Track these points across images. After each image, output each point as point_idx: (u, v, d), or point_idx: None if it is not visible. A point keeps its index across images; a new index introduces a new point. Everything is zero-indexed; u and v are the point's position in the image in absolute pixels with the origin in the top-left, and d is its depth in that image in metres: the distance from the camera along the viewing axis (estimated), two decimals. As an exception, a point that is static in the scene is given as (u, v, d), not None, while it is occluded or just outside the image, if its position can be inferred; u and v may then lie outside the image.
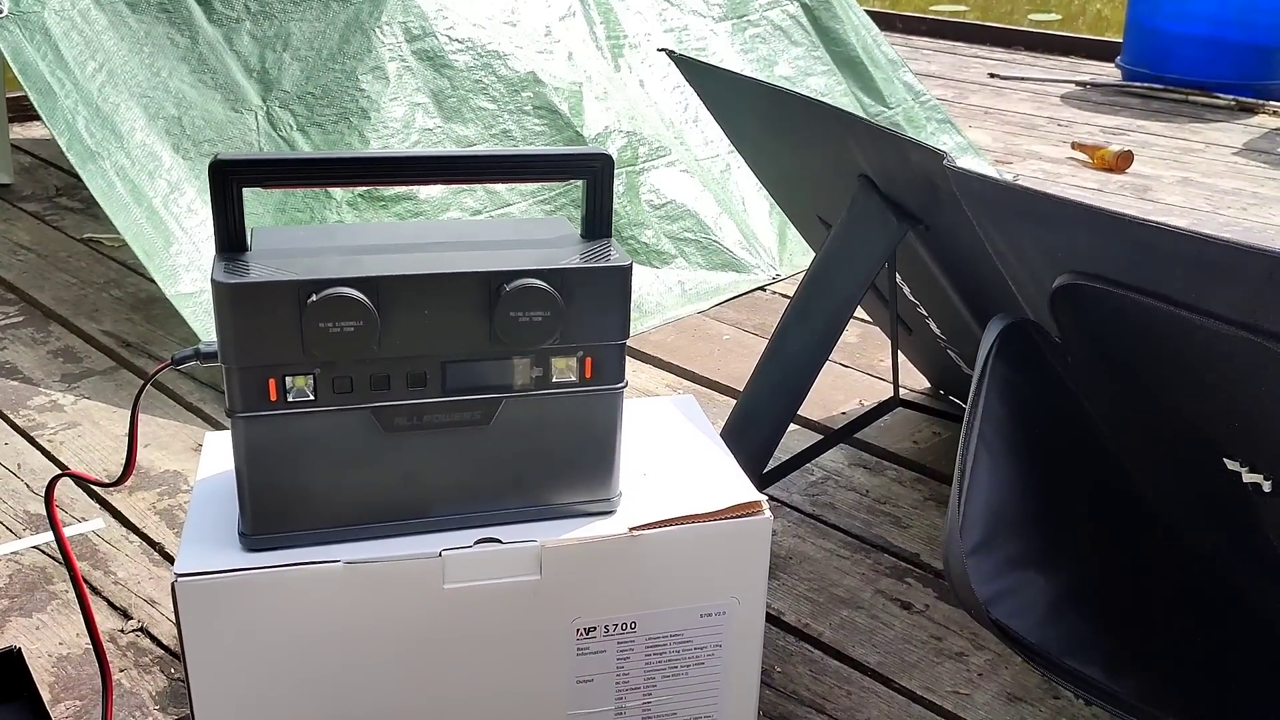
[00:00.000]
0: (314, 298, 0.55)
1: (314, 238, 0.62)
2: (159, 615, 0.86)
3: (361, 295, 0.56)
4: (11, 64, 1.31)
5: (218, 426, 1.15)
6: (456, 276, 0.58)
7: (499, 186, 1.52)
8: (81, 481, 1.04)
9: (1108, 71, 3.18)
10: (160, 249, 1.27)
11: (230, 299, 0.55)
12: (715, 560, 0.65)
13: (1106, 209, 0.56)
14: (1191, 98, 2.84)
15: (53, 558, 0.93)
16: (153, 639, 0.84)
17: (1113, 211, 0.56)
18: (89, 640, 0.83)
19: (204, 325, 1.23)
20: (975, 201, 0.68)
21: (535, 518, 0.63)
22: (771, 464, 0.98)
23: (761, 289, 1.59)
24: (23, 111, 2.23)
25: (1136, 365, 0.66)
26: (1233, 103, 2.78)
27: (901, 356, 1.24)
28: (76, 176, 1.95)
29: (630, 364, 1.34)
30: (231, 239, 0.58)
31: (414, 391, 0.59)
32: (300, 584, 0.59)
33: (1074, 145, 2.33)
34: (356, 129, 1.45)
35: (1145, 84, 2.93)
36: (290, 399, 0.58)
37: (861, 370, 1.34)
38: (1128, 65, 3.02)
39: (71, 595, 0.88)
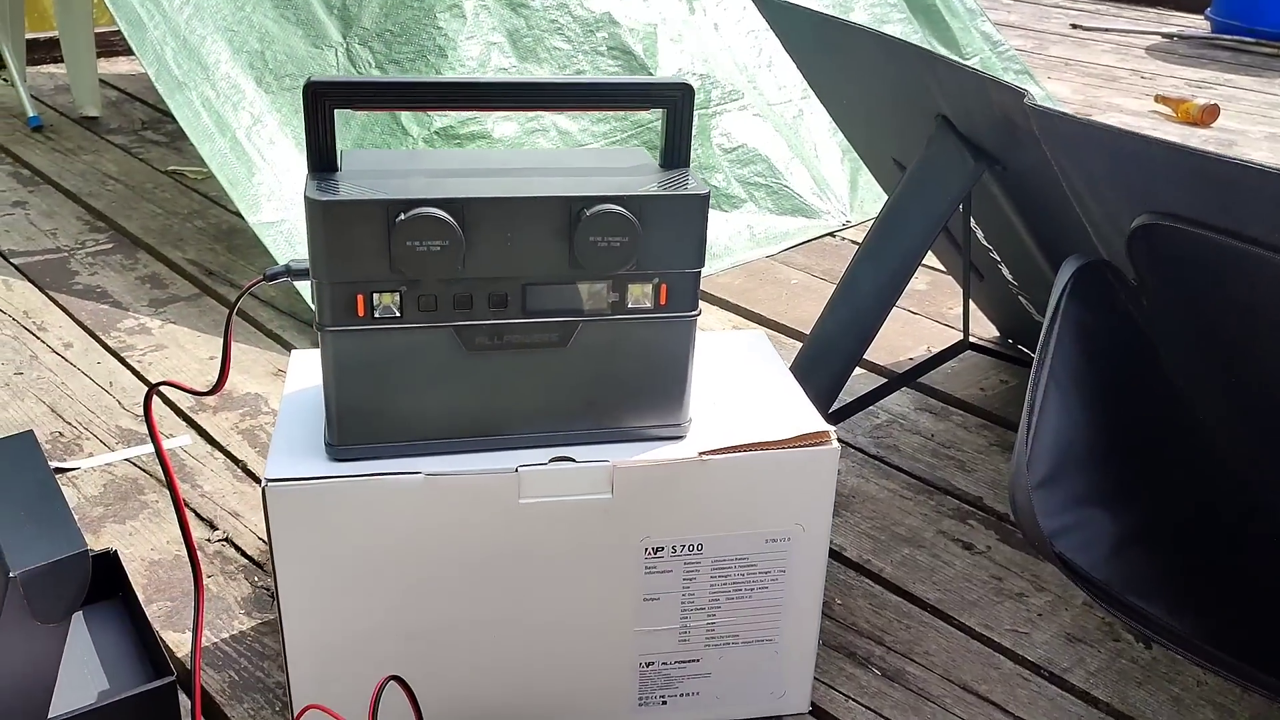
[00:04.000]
0: (402, 216, 0.57)
1: (401, 160, 0.64)
2: (243, 527, 0.90)
3: (448, 215, 0.58)
4: (104, -4, 1.34)
5: (297, 353, 1.19)
6: (538, 200, 0.59)
7: (572, 127, 1.53)
8: (173, 395, 1.08)
9: (1196, 24, 3.08)
10: (243, 178, 1.30)
11: (323, 216, 0.57)
12: (781, 487, 0.67)
13: (1190, 146, 0.56)
14: (1284, 52, 2.74)
15: (144, 470, 0.97)
16: (237, 548, 0.88)
17: (1196, 149, 0.56)
18: (178, 546, 0.87)
19: (283, 253, 1.26)
20: (1055, 140, 0.68)
21: (607, 439, 0.65)
22: (837, 405, 0.99)
23: (832, 235, 1.58)
24: (109, 47, 2.29)
25: (1214, 308, 0.65)
26: (1327, 57, 2.68)
27: (971, 304, 1.24)
28: (160, 111, 2.00)
29: (698, 305, 1.34)
30: (323, 159, 0.60)
31: (495, 312, 0.61)
32: (382, 493, 0.62)
33: (1157, 98, 2.28)
34: (434, 66, 1.47)
35: (1235, 37, 2.84)
36: (377, 315, 0.60)
37: (930, 317, 1.34)
38: (1218, 17, 2.92)
39: (161, 505, 0.92)
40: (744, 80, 1.70)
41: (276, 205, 1.30)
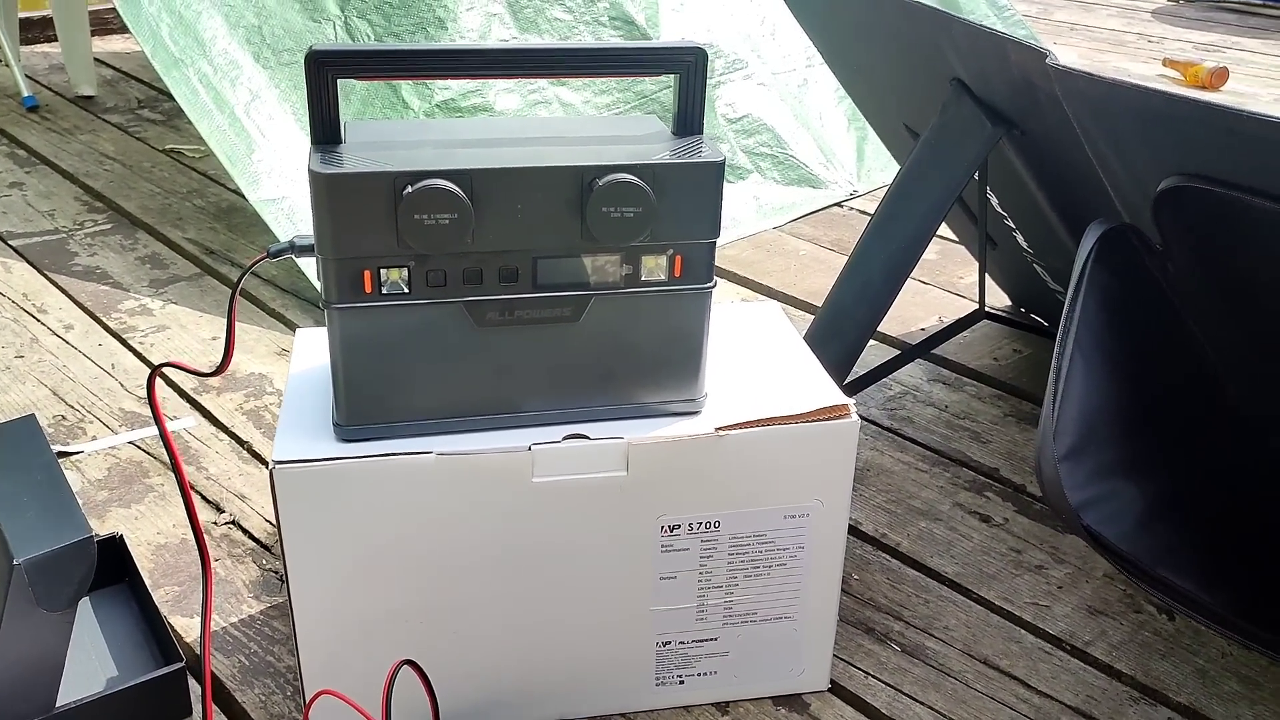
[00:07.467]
0: (410, 189, 0.55)
1: (407, 131, 0.62)
2: (249, 509, 0.89)
3: (456, 187, 0.56)
4: (96, -29, 1.32)
5: (301, 332, 1.17)
6: (549, 170, 0.57)
7: (575, 99, 1.51)
8: (176, 376, 1.06)
9: (1203, -14, 3.04)
10: (243, 155, 1.28)
11: (327, 189, 0.56)
12: (800, 462, 0.65)
13: (1222, 104, 0.54)
14: (1292, 14, 2.71)
15: (148, 452, 0.96)
16: (244, 531, 0.86)
17: (1228, 107, 0.54)
18: (185, 529, 0.86)
19: (285, 230, 1.24)
20: (1078, 101, 0.66)
21: (622, 415, 0.64)
22: (850, 377, 0.98)
23: (839, 205, 1.56)
24: (104, 25, 2.26)
25: (1243, 273, 0.64)
26: (1337, 19, 2.65)
27: (984, 273, 1.22)
28: (157, 89, 1.98)
29: (705, 278, 1.33)
30: (327, 131, 0.58)
31: (505, 286, 0.59)
32: (393, 474, 0.60)
33: (1165, 62, 2.25)
34: (433, 39, 1.44)
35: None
36: (385, 291, 0.58)
37: (941, 287, 1.32)
38: (1225, -21, 2.89)
39: (167, 488, 0.91)
40: (748, 49, 1.68)
41: (277, 182, 1.28)
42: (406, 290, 0.58)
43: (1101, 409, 0.64)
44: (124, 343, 1.14)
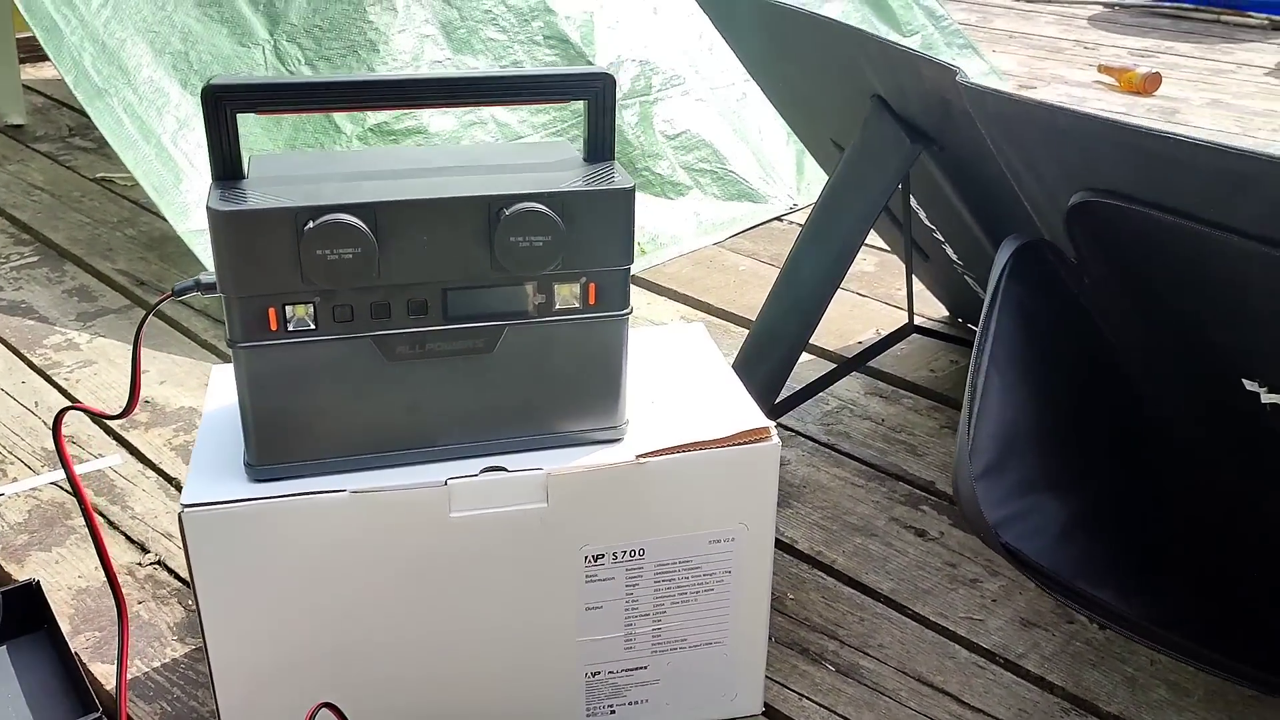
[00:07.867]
0: (311, 224, 0.54)
1: (311, 164, 0.61)
2: (175, 549, 0.87)
3: (359, 221, 0.55)
4: (17, 0, 1.29)
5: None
6: (455, 201, 0.57)
7: (511, 119, 1.50)
8: (94, 416, 1.04)
9: (1136, -8, 3.09)
10: (170, 186, 1.26)
11: (226, 227, 0.54)
12: (723, 487, 0.65)
13: (1122, 121, 0.55)
14: (1224, 18, 2.76)
15: (71, 493, 0.94)
16: (170, 571, 0.84)
17: (1128, 123, 0.54)
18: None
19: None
20: (989, 118, 0.66)
21: (542, 446, 0.63)
22: (785, 393, 0.97)
23: (779, 219, 1.57)
24: (34, 52, 2.22)
25: (1155, 284, 0.64)
26: (1266, 21, 2.70)
27: (919, 284, 1.23)
28: (88, 116, 1.94)
29: (645, 296, 1.33)
30: (227, 166, 0.57)
31: (415, 319, 0.59)
32: (306, 513, 0.59)
33: (1100, 68, 2.28)
34: (365, 62, 1.43)
35: (1175, 4, 2.85)
36: (291, 328, 0.57)
37: (879, 299, 1.32)
38: (1157, -15, 2.94)
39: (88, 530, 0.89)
40: (685, 65, 1.68)
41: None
42: (313, 326, 0.57)
43: (1020, 424, 0.64)
44: (48, 379, 1.12)
